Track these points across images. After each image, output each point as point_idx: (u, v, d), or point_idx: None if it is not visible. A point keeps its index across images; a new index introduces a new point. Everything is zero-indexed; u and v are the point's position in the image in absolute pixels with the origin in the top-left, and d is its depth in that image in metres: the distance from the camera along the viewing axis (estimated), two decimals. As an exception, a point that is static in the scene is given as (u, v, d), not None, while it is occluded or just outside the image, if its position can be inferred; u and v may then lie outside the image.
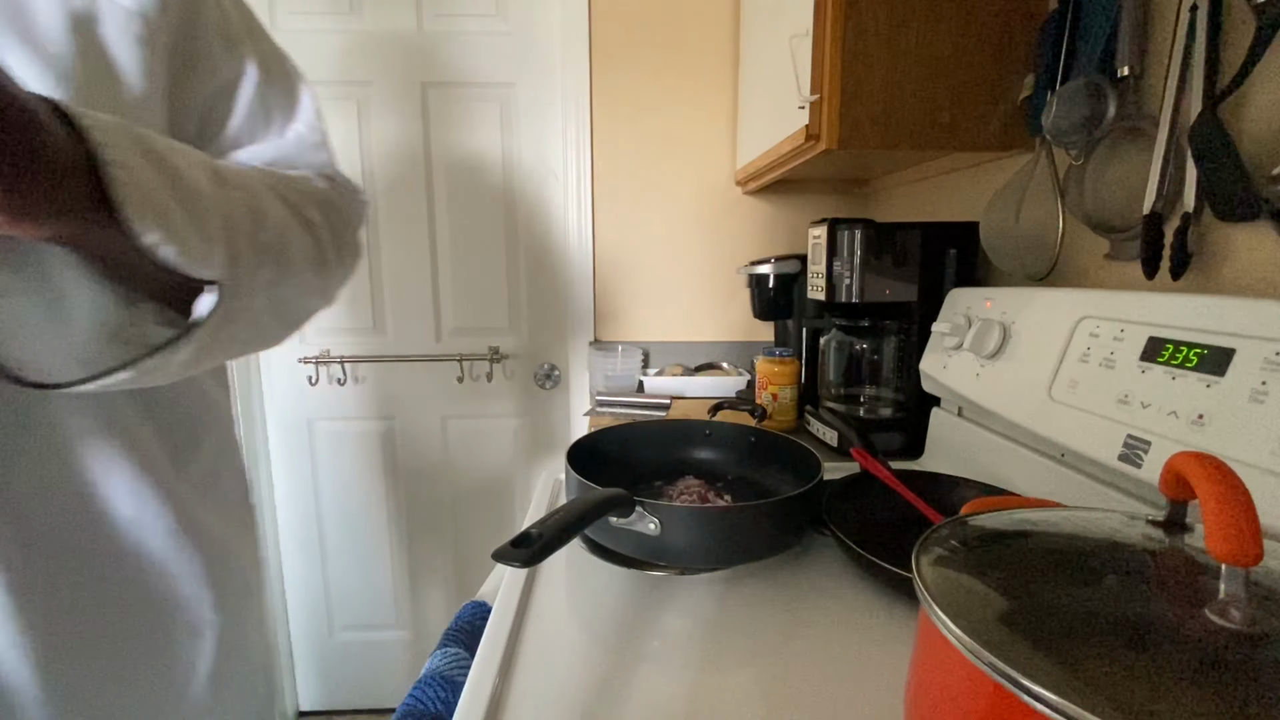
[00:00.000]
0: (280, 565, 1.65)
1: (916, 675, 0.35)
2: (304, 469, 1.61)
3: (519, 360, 1.57)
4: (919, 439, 0.95)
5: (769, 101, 1.12)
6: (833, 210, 1.49)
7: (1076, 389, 0.63)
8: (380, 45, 1.42)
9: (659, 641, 0.52)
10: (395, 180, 1.48)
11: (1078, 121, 0.74)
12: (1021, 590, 0.31)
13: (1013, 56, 0.86)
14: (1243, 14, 0.58)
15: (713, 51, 1.42)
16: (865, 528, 0.62)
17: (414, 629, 1.69)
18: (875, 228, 0.91)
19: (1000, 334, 0.75)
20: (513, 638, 0.52)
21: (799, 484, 0.65)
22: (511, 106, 1.46)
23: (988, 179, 0.99)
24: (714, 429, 0.85)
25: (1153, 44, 0.70)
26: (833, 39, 0.85)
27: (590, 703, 0.45)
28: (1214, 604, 0.27)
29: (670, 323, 1.53)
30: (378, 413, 1.58)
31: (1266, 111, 0.57)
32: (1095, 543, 0.35)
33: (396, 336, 1.55)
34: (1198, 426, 0.50)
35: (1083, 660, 0.26)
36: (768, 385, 1.12)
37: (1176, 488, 0.34)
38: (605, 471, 0.76)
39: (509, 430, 1.60)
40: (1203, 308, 0.54)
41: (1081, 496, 0.64)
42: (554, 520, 0.46)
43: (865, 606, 0.56)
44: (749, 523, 0.59)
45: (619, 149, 1.46)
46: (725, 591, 0.59)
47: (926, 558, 0.34)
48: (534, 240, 1.52)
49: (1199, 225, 0.62)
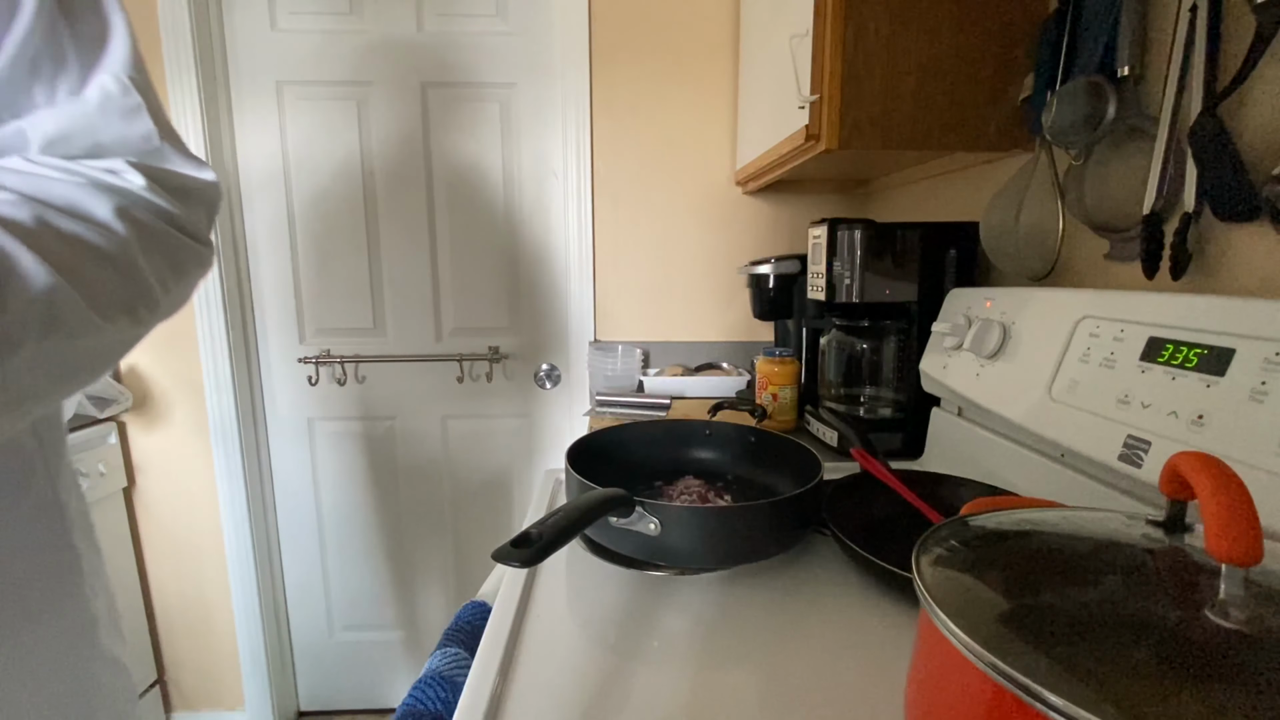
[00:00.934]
0: (280, 565, 1.65)
1: (916, 675, 0.35)
2: (304, 469, 1.61)
3: (519, 360, 1.57)
4: (919, 439, 0.95)
5: (769, 102, 1.12)
6: (833, 210, 1.49)
7: (1076, 389, 0.63)
8: (380, 45, 1.42)
9: (659, 641, 0.52)
10: (395, 180, 1.48)
11: (1078, 121, 0.74)
12: (1021, 590, 0.31)
13: (1013, 56, 0.86)
14: (1243, 14, 0.58)
15: (713, 52, 1.42)
16: (865, 528, 0.62)
17: (414, 629, 1.69)
18: (875, 228, 0.91)
19: (1000, 334, 0.75)
20: (513, 638, 0.52)
21: (799, 484, 0.65)
22: (511, 107, 1.47)
23: (988, 179, 0.99)
24: (714, 429, 0.85)
25: (1153, 44, 0.70)
26: (833, 39, 0.85)
27: (590, 703, 0.45)
28: (1214, 604, 0.27)
29: (670, 323, 1.53)
30: (378, 413, 1.58)
31: (1266, 111, 0.57)
32: (1095, 543, 0.35)
33: (396, 336, 1.55)
34: (1198, 426, 0.50)
35: (1083, 660, 0.26)
36: (768, 385, 1.12)
37: (1176, 488, 0.34)
38: (605, 471, 0.75)
39: (509, 430, 1.60)
40: (1203, 308, 0.54)
41: (1081, 496, 0.64)
42: (554, 520, 0.46)
43: (865, 606, 0.56)
44: (749, 523, 0.59)
45: (619, 149, 1.46)
46: (725, 591, 0.59)
47: (926, 558, 0.34)
48: (534, 240, 1.52)
49: (1199, 225, 0.62)
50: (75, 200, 0.37)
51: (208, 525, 1.56)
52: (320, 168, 1.47)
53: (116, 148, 0.40)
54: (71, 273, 0.34)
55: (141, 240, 0.39)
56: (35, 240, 0.33)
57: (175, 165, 0.43)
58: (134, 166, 0.40)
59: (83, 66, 0.40)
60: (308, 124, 1.45)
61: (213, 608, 1.61)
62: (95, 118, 0.39)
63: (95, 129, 0.39)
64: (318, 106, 1.44)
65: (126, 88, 0.40)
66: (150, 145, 0.42)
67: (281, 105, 1.44)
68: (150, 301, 0.40)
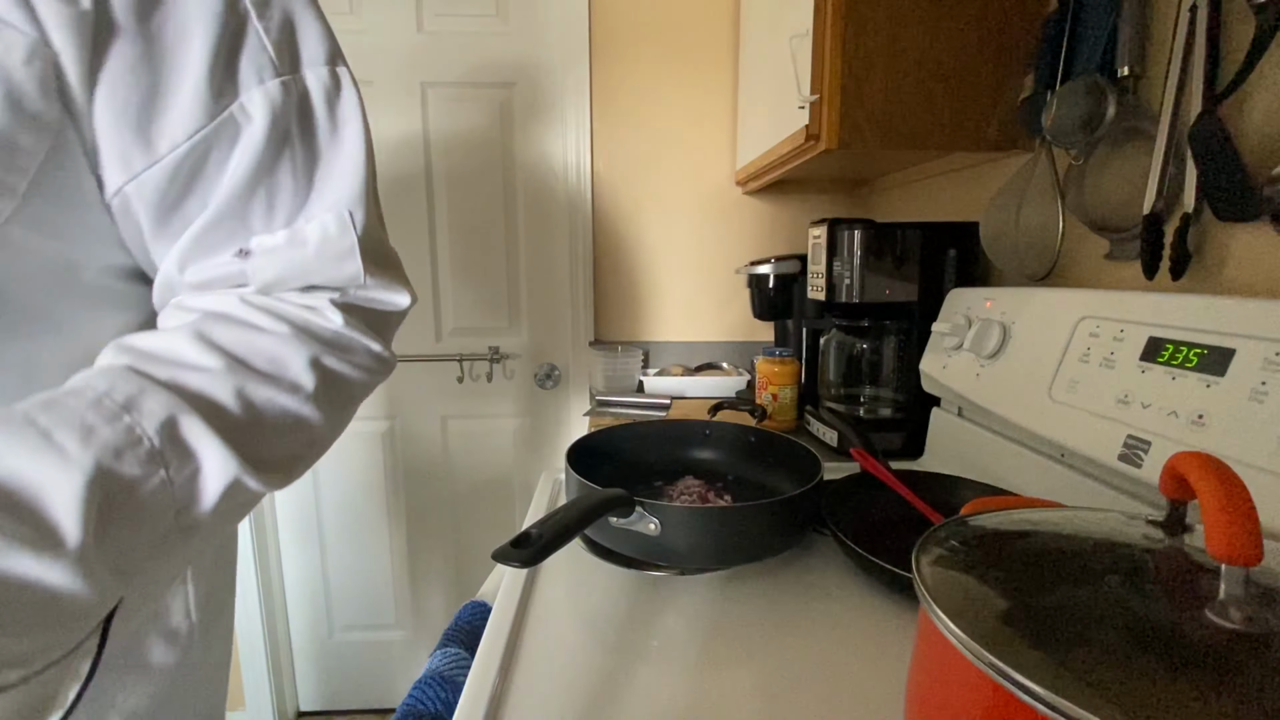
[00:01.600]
0: (280, 565, 1.65)
1: (916, 675, 0.35)
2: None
3: (519, 360, 1.57)
4: (919, 439, 0.95)
5: (769, 102, 1.12)
6: (833, 210, 1.49)
7: (1076, 389, 0.63)
8: (380, 45, 1.42)
9: (659, 641, 0.52)
10: (395, 180, 1.48)
11: (1078, 121, 0.74)
12: (1021, 590, 0.31)
13: (1013, 56, 0.86)
14: (1243, 14, 0.58)
15: (713, 51, 1.42)
16: (865, 528, 0.62)
17: (414, 629, 1.69)
18: (875, 228, 0.91)
19: (1000, 334, 0.75)
20: (513, 638, 0.52)
21: (799, 484, 0.65)
22: (511, 107, 1.46)
23: (988, 179, 0.99)
24: (714, 429, 0.85)
25: (1153, 44, 0.70)
26: (833, 39, 0.85)
27: (590, 703, 0.45)
28: (1214, 604, 0.27)
29: (670, 323, 1.53)
30: (378, 413, 1.58)
31: (1266, 111, 0.57)
32: (1095, 543, 0.35)
33: (396, 336, 1.54)
34: (1198, 426, 0.50)
35: (1082, 660, 0.26)
36: (768, 385, 1.12)
37: (1176, 488, 0.34)
38: (605, 471, 0.76)
39: (509, 430, 1.60)
40: (1203, 308, 0.54)
41: (1081, 496, 0.64)
42: (554, 520, 0.46)
43: (865, 606, 0.56)
44: (749, 523, 0.59)
45: (619, 149, 1.46)
46: (725, 591, 0.59)
47: (926, 558, 0.34)
48: (534, 240, 1.52)
49: (1199, 225, 0.62)
50: (276, 356, 0.38)
51: (208, 525, 1.56)
52: (320, 168, 1.47)
53: (324, 284, 0.41)
54: (254, 454, 0.35)
55: (327, 391, 0.40)
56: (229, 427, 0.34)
57: (376, 294, 0.44)
58: (336, 305, 0.41)
59: (307, 200, 0.40)
60: (308, 124, 1.45)
61: (213, 608, 1.61)
62: (311, 262, 0.40)
63: (309, 272, 0.40)
64: (318, 106, 1.44)
65: (345, 227, 0.40)
66: (355, 284, 0.42)
67: (281, 105, 1.44)
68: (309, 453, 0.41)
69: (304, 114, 0.40)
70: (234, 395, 0.35)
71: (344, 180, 0.41)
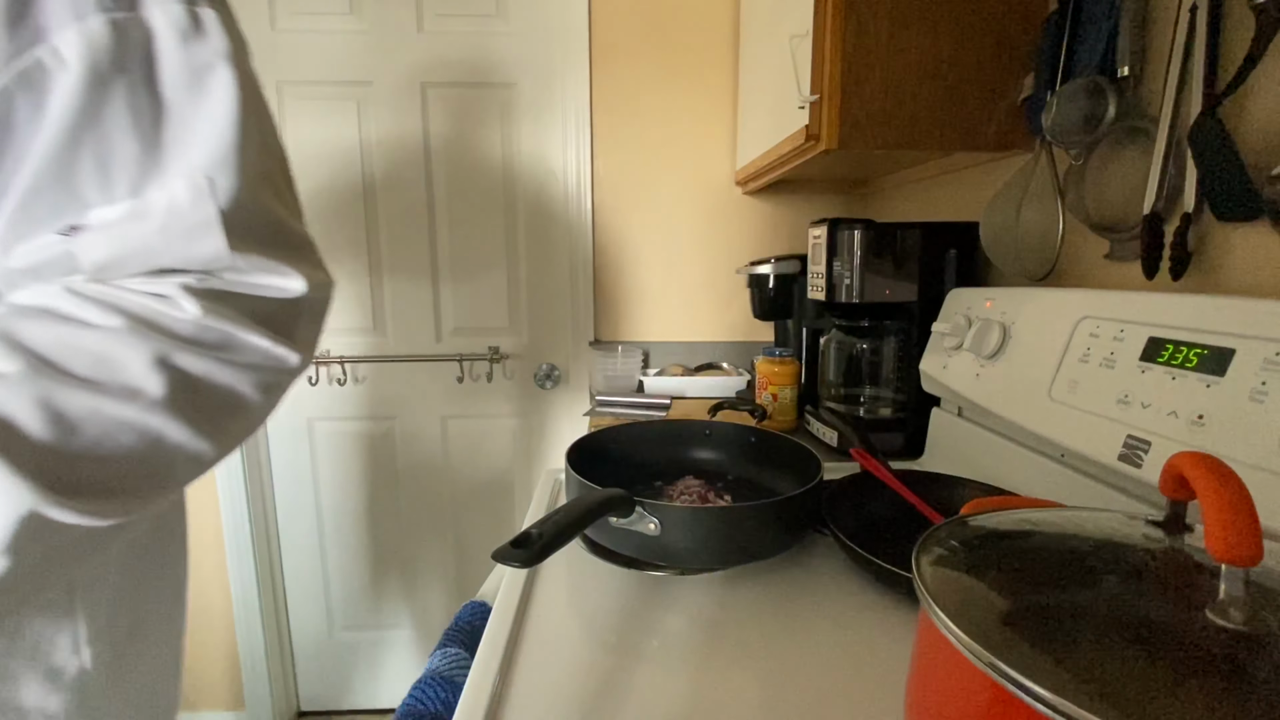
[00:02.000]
0: (280, 565, 1.65)
1: (916, 675, 0.35)
2: (304, 469, 1.61)
3: (519, 360, 1.57)
4: (919, 439, 0.95)
5: (769, 102, 1.12)
6: (833, 210, 1.49)
7: (1076, 389, 0.63)
8: (380, 45, 1.42)
9: (659, 641, 0.52)
10: (395, 180, 1.48)
11: (1078, 121, 0.74)
12: (1021, 590, 0.31)
13: (1013, 56, 0.86)
14: (1243, 14, 0.58)
15: (713, 51, 1.42)
16: (865, 528, 0.62)
17: (414, 629, 1.69)
18: (875, 228, 0.91)
19: (1000, 334, 0.75)
20: (513, 638, 0.52)
21: (799, 484, 0.65)
22: (512, 107, 1.46)
23: (988, 179, 0.99)
24: (714, 429, 0.85)
25: (1153, 44, 0.70)
26: (833, 39, 0.85)
27: (590, 703, 0.45)
28: (1214, 604, 0.27)
29: (670, 323, 1.53)
30: (378, 413, 1.58)
31: (1266, 111, 0.57)
32: (1095, 543, 0.35)
33: (396, 336, 1.55)
34: (1198, 426, 0.50)
35: (1082, 660, 0.26)
36: (768, 385, 1.12)
37: (1176, 488, 0.34)
38: (605, 471, 0.76)
39: (509, 430, 1.60)
40: (1203, 308, 0.54)
41: (1081, 496, 0.64)
42: (554, 520, 0.46)
43: (865, 606, 0.56)
44: (749, 523, 0.59)
45: (619, 149, 1.46)
46: (725, 591, 0.59)
47: (926, 558, 0.34)
48: (534, 240, 1.52)
49: (1199, 225, 0.62)
50: (105, 356, 0.31)
51: (208, 525, 1.56)
52: (320, 167, 1.47)
53: (177, 265, 0.35)
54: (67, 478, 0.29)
55: (188, 396, 0.34)
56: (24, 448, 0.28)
57: (254, 278, 0.36)
58: (191, 292, 0.34)
59: (159, 163, 0.33)
60: (308, 124, 1.45)
61: (212, 607, 1.61)
62: (154, 238, 0.33)
63: (153, 252, 0.33)
64: (317, 106, 1.44)
65: (200, 194, 0.33)
66: (220, 264, 0.35)
67: (281, 105, 1.44)
68: (170, 474, 0.35)
69: (146, 59, 0.32)
70: (35, 406, 0.29)
71: (205, 140, 0.34)
